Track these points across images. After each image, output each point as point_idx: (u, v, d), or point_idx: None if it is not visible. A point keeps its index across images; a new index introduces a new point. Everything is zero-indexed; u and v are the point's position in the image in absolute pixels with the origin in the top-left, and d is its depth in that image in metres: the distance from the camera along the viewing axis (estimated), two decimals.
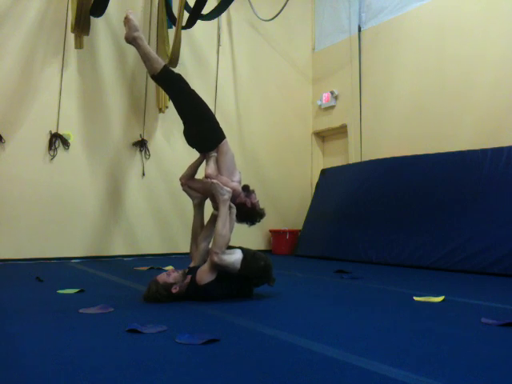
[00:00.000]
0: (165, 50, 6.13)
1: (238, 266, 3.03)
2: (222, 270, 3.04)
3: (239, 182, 3.45)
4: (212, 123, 3.51)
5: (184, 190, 3.59)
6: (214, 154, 3.43)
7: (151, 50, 3.56)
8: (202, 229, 3.44)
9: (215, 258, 3.00)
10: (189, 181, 3.58)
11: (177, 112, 3.63)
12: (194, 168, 3.63)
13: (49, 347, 1.98)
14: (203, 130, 3.49)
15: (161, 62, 3.51)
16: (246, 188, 3.44)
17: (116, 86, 6.34)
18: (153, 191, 6.50)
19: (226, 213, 3.16)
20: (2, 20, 5.58)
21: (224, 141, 3.45)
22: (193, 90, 3.55)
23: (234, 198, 3.31)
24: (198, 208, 3.51)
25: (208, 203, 3.50)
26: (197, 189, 3.51)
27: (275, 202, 7.29)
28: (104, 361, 1.79)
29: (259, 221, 3.47)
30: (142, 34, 3.51)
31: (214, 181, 3.23)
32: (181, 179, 3.60)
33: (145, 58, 3.49)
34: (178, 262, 5.29)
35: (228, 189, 3.22)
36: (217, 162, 3.41)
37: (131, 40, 3.50)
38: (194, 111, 3.50)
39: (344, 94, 7.57)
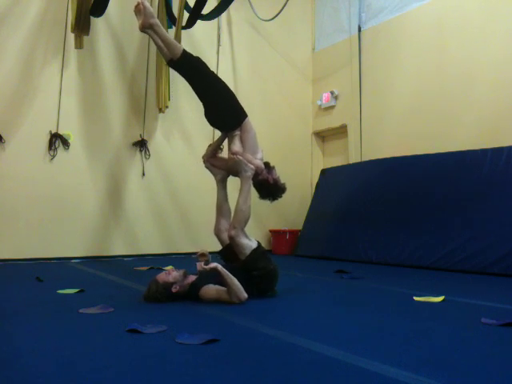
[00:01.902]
0: None
1: (248, 252, 3.14)
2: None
3: (261, 160, 3.53)
4: (234, 102, 3.54)
5: (206, 166, 3.68)
6: (237, 132, 3.49)
7: (168, 35, 3.50)
8: (227, 203, 3.53)
9: (232, 232, 3.15)
10: (211, 158, 3.65)
11: (196, 95, 3.61)
12: (216, 146, 3.71)
13: (49, 347, 1.98)
14: (226, 110, 3.53)
15: (180, 47, 3.47)
16: (266, 165, 3.54)
17: (116, 86, 6.34)
18: (153, 191, 6.50)
19: (249, 189, 3.29)
20: (2, 20, 5.58)
21: (247, 119, 3.51)
22: (213, 72, 3.59)
23: (256, 175, 3.43)
24: (221, 183, 3.58)
25: (231, 179, 3.60)
26: (218, 166, 3.59)
27: (275, 202, 7.24)
28: (104, 361, 1.79)
29: (281, 196, 3.62)
30: (157, 20, 3.44)
31: (240, 157, 3.32)
32: (203, 157, 3.68)
33: (163, 44, 3.42)
34: (177, 261, 5.29)
35: (252, 166, 3.34)
36: (240, 139, 3.48)
37: (148, 27, 3.39)
38: (215, 92, 3.52)
39: (344, 93, 7.57)
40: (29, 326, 2.37)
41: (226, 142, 3.72)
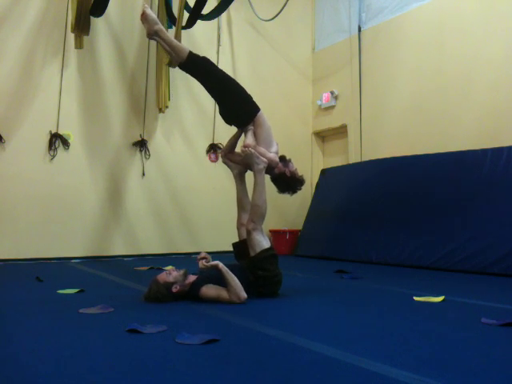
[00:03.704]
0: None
1: (259, 250, 3.15)
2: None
3: (276, 153, 3.53)
4: (244, 98, 3.55)
5: (223, 161, 3.72)
6: (250, 127, 3.50)
7: (173, 39, 3.56)
8: (246, 197, 3.53)
9: (250, 225, 3.18)
10: (228, 154, 3.68)
11: (209, 94, 3.67)
12: (233, 141, 3.72)
13: (49, 347, 1.98)
14: (237, 106, 3.56)
15: (185, 50, 3.51)
16: (282, 158, 3.55)
17: (116, 86, 6.34)
18: (153, 191, 6.50)
19: (262, 183, 3.29)
20: (2, 20, 5.58)
21: (259, 113, 3.52)
22: (221, 70, 3.61)
23: (272, 168, 3.44)
24: (239, 178, 3.60)
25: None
26: (236, 161, 3.61)
27: (275, 202, 7.25)
28: (104, 361, 1.79)
29: (300, 188, 3.62)
30: (162, 26, 3.50)
31: (252, 150, 3.31)
32: (221, 152, 3.71)
33: (169, 49, 3.48)
34: (177, 261, 5.29)
35: (264, 159, 3.34)
36: (254, 134, 3.49)
37: (153, 34, 3.46)
38: (225, 90, 3.55)
39: (344, 93, 7.56)
40: (29, 325, 2.37)
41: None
